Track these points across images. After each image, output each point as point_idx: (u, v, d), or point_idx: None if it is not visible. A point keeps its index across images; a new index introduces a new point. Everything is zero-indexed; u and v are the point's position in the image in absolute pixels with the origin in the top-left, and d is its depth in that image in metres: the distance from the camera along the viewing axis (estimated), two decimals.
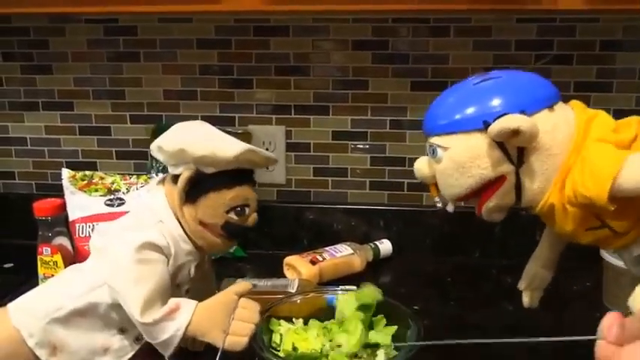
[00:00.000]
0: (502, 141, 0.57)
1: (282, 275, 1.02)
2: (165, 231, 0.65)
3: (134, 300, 0.60)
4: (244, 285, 0.65)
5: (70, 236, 0.95)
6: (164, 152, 0.65)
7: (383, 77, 1.11)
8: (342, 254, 1.04)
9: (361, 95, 1.12)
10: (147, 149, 1.12)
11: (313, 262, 1.00)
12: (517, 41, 1.06)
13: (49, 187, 1.22)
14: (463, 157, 0.59)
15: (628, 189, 0.53)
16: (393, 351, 0.68)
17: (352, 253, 1.04)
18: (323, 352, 0.66)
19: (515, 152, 0.58)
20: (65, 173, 1.00)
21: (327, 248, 1.05)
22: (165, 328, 0.61)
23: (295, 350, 0.67)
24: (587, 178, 0.54)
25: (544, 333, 0.49)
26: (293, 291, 0.87)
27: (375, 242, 1.10)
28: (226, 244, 0.69)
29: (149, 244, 0.62)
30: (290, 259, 1.02)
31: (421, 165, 0.65)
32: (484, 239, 1.10)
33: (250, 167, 0.68)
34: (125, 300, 0.61)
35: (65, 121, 1.20)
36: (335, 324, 0.71)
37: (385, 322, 0.72)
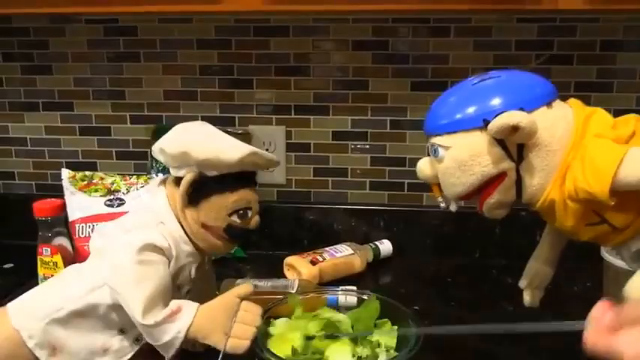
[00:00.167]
0: (502, 138, 0.57)
1: (282, 275, 1.02)
2: (166, 232, 0.65)
3: (135, 302, 0.60)
4: (246, 287, 0.65)
5: (70, 237, 0.95)
6: (166, 154, 0.65)
7: (383, 77, 1.11)
8: (343, 254, 1.04)
9: (361, 95, 1.12)
10: (147, 150, 1.13)
11: (313, 263, 1.00)
12: (517, 41, 1.06)
13: (49, 188, 1.22)
14: (464, 156, 0.59)
15: (629, 183, 0.53)
16: (394, 352, 0.68)
17: (352, 254, 1.04)
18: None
19: (515, 149, 0.58)
20: (65, 173, 1.00)
21: (327, 248, 1.05)
22: (166, 330, 0.60)
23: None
24: (588, 174, 0.55)
25: (544, 333, 0.49)
26: (293, 291, 0.87)
27: (376, 242, 1.10)
28: (227, 247, 0.69)
29: (150, 246, 0.62)
30: (290, 260, 1.02)
31: (423, 165, 0.66)
32: (484, 239, 1.10)
33: (253, 169, 0.68)
34: (126, 301, 0.61)
35: (65, 122, 1.20)
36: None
37: (390, 324, 0.72)
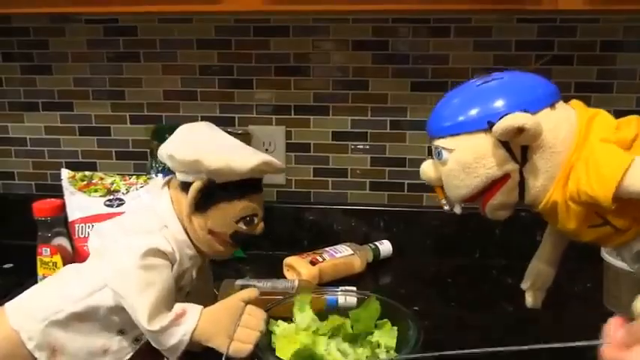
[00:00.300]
0: (507, 140, 0.57)
1: (281, 276, 1.02)
2: (169, 236, 0.64)
3: (141, 308, 0.59)
4: (251, 292, 0.65)
5: (70, 237, 0.95)
6: (176, 160, 0.64)
7: (383, 77, 1.11)
8: (342, 255, 1.03)
9: (361, 96, 1.12)
10: (146, 150, 1.13)
11: (313, 263, 1.00)
12: (517, 41, 1.06)
13: (49, 188, 1.21)
14: (468, 158, 0.59)
15: (632, 192, 0.53)
16: (394, 352, 0.68)
17: (352, 254, 1.04)
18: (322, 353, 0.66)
19: (519, 151, 0.58)
20: (64, 174, 1.00)
21: (327, 249, 1.05)
22: (172, 334, 0.60)
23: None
24: (592, 179, 0.55)
25: (544, 334, 0.49)
26: (293, 292, 0.87)
27: (375, 243, 1.10)
28: (230, 251, 0.69)
29: (154, 250, 0.62)
30: (290, 260, 1.02)
31: (427, 168, 0.66)
32: (484, 240, 1.10)
33: (260, 176, 0.67)
34: (132, 307, 0.60)
35: (65, 122, 1.20)
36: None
37: (390, 325, 0.72)
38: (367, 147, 1.14)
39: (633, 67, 1.05)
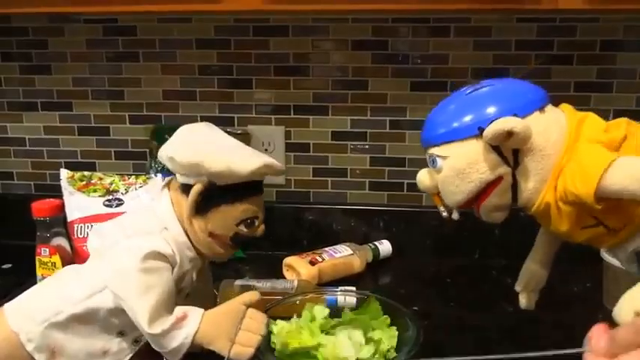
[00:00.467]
0: (497, 144, 0.59)
1: (281, 276, 1.02)
2: (170, 239, 0.64)
3: (142, 311, 0.59)
4: (252, 295, 0.65)
5: (69, 237, 0.94)
6: (176, 163, 0.63)
7: (382, 77, 1.10)
8: (342, 255, 1.03)
9: (361, 95, 1.12)
10: (146, 150, 1.13)
11: (312, 263, 1.00)
12: (517, 41, 1.06)
13: (48, 188, 1.21)
14: (462, 164, 0.61)
15: (613, 190, 0.54)
16: (393, 352, 0.68)
17: (352, 254, 1.04)
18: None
19: (510, 154, 0.60)
20: (63, 174, 1.00)
21: (327, 249, 1.05)
22: (174, 337, 0.60)
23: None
24: (576, 177, 0.56)
25: (544, 334, 0.49)
26: (292, 292, 0.87)
27: (375, 243, 1.10)
28: (229, 253, 0.69)
29: (155, 253, 0.62)
30: (289, 260, 1.02)
31: (423, 177, 0.67)
32: (484, 240, 1.09)
33: (261, 178, 0.67)
34: (132, 310, 0.60)
35: (64, 122, 1.20)
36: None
37: (389, 323, 0.73)
38: (367, 147, 1.14)
39: (633, 67, 1.05)
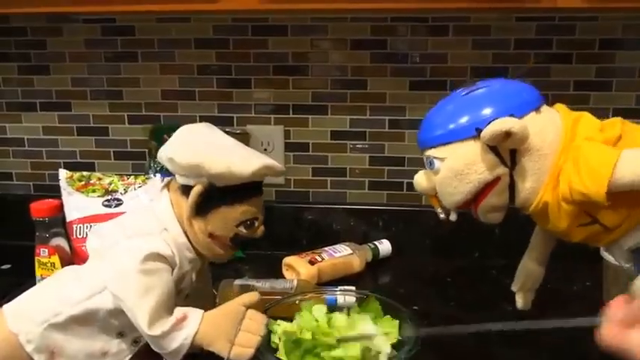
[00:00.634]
0: (495, 145, 0.59)
1: (280, 276, 1.02)
2: (169, 239, 0.64)
3: (141, 313, 0.59)
4: (252, 296, 0.65)
5: (68, 237, 0.94)
6: (176, 164, 0.63)
7: (381, 77, 1.10)
8: (341, 254, 1.03)
9: (360, 95, 1.12)
10: (145, 150, 1.13)
11: (312, 263, 0.99)
12: (516, 40, 1.06)
13: (47, 188, 1.21)
14: (460, 165, 0.61)
15: (625, 183, 0.55)
16: (393, 351, 0.68)
17: (351, 254, 1.04)
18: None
19: (508, 155, 0.60)
20: (62, 174, 0.99)
21: (326, 248, 1.05)
22: (173, 339, 0.61)
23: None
24: (584, 177, 0.56)
25: (544, 332, 0.49)
26: (292, 292, 0.87)
27: (375, 242, 1.10)
28: (229, 254, 0.69)
29: (154, 255, 0.62)
30: (289, 260, 1.02)
31: (420, 179, 0.68)
32: (484, 239, 1.09)
33: (261, 179, 0.67)
34: (132, 312, 0.60)
35: (63, 122, 1.20)
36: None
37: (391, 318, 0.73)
38: (366, 146, 1.14)
39: (632, 65, 1.05)
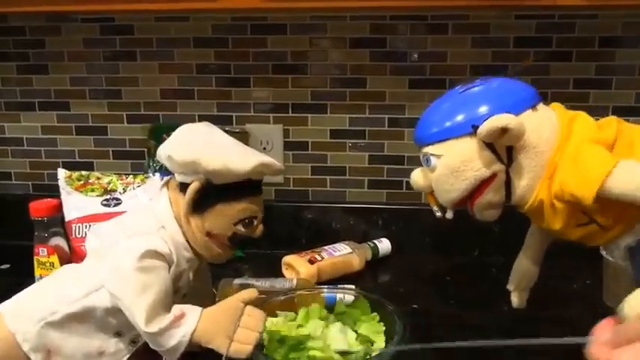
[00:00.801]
0: (491, 141, 0.59)
1: (280, 275, 1.02)
2: (167, 237, 0.64)
3: (138, 310, 0.59)
4: (250, 292, 0.64)
5: (67, 237, 0.94)
6: (174, 161, 0.63)
7: (381, 75, 1.10)
8: (341, 253, 1.03)
9: (359, 93, 1.12)
10: (144, 149, 1.12)
11: (312, 262, 0.99)
12: (516, 38, 1.06)
13: (46, 188, 1.21)
14: (456, 162, 0.61)
15: (614, 194, 0.55)
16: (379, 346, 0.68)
17: (351, 252, 1.04)
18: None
19: (504, 152, 0.60)
20: (61, 173, 0.99)
21: (326, 247, 1.04)
22: (171, 336, 0.60)
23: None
24: (577, 178, 0.57)
25: (544, 332, 0.49)
26: (291, 291, 0.86)
27: (374, 241, 1.10)
28: (228, 254, 0.68)
29: (152, 252, 0.61)
30: (288, 259, 1.02)
31: (416, 176, 0.68)
32: (483, 238, 1.09)
33: (260, 178, 0.67)
34: (129, 309, 0.60)
35: (62, 121, 1.19)
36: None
37: (378, 320, 0.73)
38: (365, 145, 1.14)
39: (632, 63, 1.05)
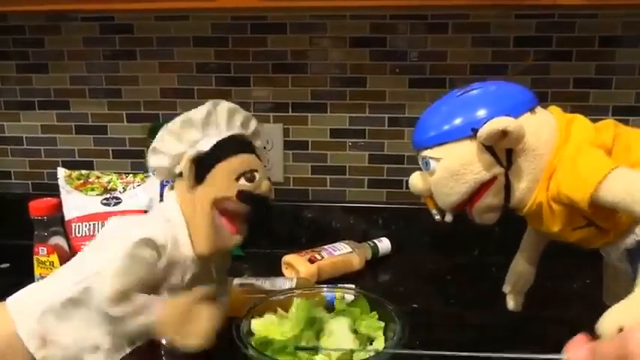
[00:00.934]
0: (491, 144, 0.59)
1: (280, 274, 1.01)
2: (168, 231, 0.64)
3: (110, 289, 0.58)
4: (205, 288, 0.64)
5: (67, 236, 0.94)
6: (158, 152, 0.68)
7: (381, 74, 1.10)
8: (341, 253, 1.03)
9: (359, 93, 1.12)
10: (143, 148, 1.12)
11: (312, 261, 0.99)
12: (516, 37, 1.06)
13: (46, 187, 1.21)
14: (456, 165, 0.61)
15: (607, 201, 0.55)
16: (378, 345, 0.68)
17: (351, 252, 1.04)
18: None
19: (504, 155, 0.60)
20: (61, 172, 0.99)
21: (326, 247, 1.04)
22: (133, 323, 0.60)
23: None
24: (572, 180, 0.57)
25: (544, 331, 0.49)
26: (291, 290, 0.86)
27: (374, 240, 1.10)
28: (238, 231, 0.67)
29: (146, 241, 0.62)
30: (288, 258, 1.02)
31: (415, 180, 0.67)
32: (483, 237, 1.09)
33: (241, 132, 0.69)
34: (101, 283, 0.59)
35: (61, 120, 1.19)
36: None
37: (377, 319, 0.72)
38: (365, 144, 1.14)
39: (632, 63, 1.05)
